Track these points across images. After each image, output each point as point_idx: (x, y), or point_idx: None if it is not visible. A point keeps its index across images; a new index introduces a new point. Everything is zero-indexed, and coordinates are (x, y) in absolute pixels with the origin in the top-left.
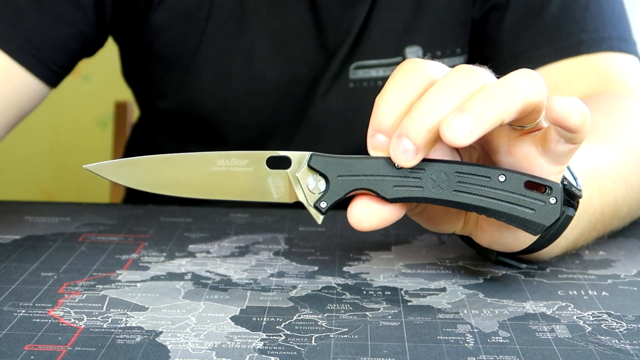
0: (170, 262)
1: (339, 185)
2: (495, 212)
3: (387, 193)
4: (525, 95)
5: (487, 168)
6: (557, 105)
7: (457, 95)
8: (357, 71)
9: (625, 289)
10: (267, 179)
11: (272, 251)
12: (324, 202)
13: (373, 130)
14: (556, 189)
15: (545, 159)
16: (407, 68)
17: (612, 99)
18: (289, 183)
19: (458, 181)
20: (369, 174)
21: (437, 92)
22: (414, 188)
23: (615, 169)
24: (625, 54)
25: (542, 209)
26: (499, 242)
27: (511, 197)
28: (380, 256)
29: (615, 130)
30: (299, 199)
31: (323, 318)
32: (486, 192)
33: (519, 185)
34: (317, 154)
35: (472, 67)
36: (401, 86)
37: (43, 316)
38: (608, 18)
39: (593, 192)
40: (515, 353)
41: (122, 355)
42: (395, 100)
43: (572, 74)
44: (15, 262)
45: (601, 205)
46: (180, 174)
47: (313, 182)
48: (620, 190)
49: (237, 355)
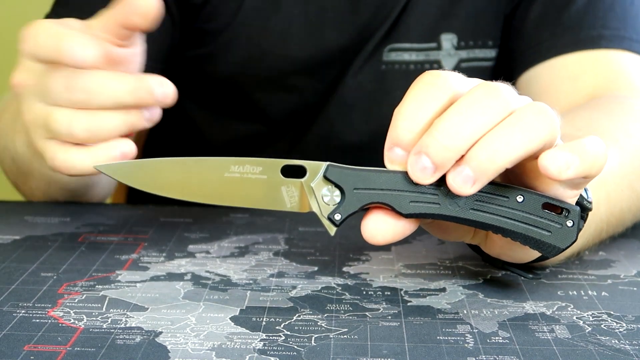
0: (170, 263)
1: (355, 198)
2: (512, 233)
3: (403, 208)
4: (535, 136)
5: (505, 188)
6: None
7: (480, 115)
8: (391, 53)
9: (625, 289)
10: (281, 188)
11: (271, 251)
12: (339, 215)
13: (391, 144)
14: (574, 212)
15: (561, 188)
16: (429, 80)
17: (622, 101)
18: (303, 193)
19: (476, 200)
20: (386, 188)
21: (460, 111)
22: (431, 205)
23: (622, 176)
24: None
25: (558, 231)
26: (508, 254)
27: (528, 218)
28: (380, 256)
29: (624, 136)
30: (312, 210)
31: (323, 318)
32: (503, 212)
33: (536, 206)
34: (334, 164)
35: (496, 85)
36: (422, 100)
37: (43, 316)
38: (631, 20)
39: (600, 202)
40: (515, 353)
41: (122, 355)
42: (416, 115)
43: (589, 65)
44: (14, 263)
45: (607, 215)
46: (192, 179)
47: (328, 193)
48: (626, 198)
49: (237, 355)
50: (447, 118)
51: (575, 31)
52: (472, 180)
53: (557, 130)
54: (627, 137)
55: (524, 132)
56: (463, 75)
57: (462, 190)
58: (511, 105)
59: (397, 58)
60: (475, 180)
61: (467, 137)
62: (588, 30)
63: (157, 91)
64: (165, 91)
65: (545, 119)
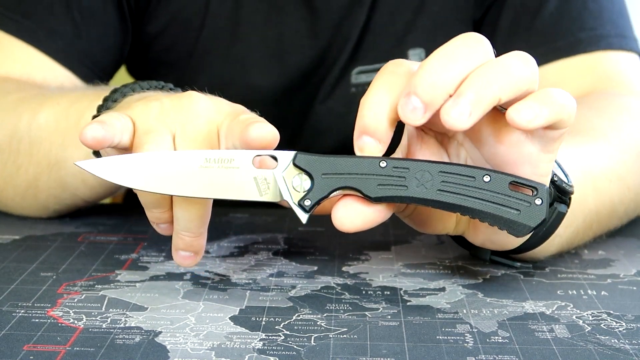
0: (169, 262)
1: (324, 184)
2: (480, 213)
3: (371, 192)
4: (519, 77)
5: (471, 168)
6: (512, 118)
7: (465, 55)
8: (360, 75)
9: (624, 289)
10: (253, 178)
11: (271, 251)
12: (308, 200)
13: (359, 132)
14: (542, 190)
15: (534, 146)
16: (392, 69)
17: (610, 98)
18: (274, 182)
19: (442, 181)
20: (354, 173)
21: (445, 52)
22: (398, 187)
23: (611, 169)
24: (625, 51)
25: (527, 209)
26: (492, 239)
27: (496, 198)
28: (380, 256)
29: (612, 130)
30: (284, 198)
31: (322, 318)
32: (470, 192)
33: (503, 185)
34: (302, 152)
35: (479, 35)
36: (386, 87)
37: (42, 316)
38: (607, 15)
39: (588, 192)
40: (515, 353)
41: (121, 355)
42: (380, 101)
43: (570, 73)
44: (14, 262)
45: (596, 205)
46: (167, 171)
47: (298, 180)
48: (616, 190)
49: (237, 355)
50: (434, 58)
51: (551, 38)
52: (468, 112)
53: (537, 76)
54: (616, 132)
55: (509, 72)
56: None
57: (459, 123)
58: (491, 54)
59: (367, 80)
60: (471, 111)
61: (454, 74)
62: (564, 36)
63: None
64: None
65: (529, 63)
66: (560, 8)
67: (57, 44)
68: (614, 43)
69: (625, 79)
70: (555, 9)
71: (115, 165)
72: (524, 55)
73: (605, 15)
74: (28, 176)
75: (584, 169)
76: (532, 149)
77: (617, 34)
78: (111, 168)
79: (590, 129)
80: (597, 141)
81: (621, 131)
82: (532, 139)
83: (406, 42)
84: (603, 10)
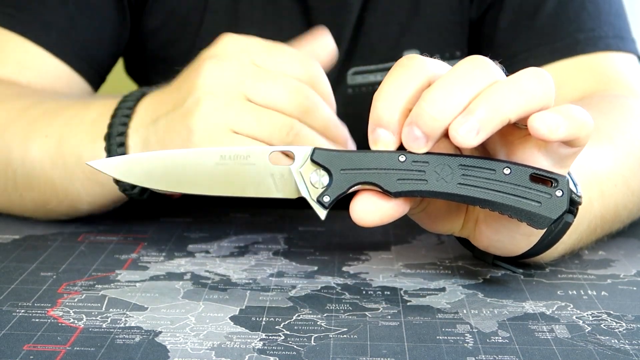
0: (169, 262)
1: (343, 179)
2: (501, 205)
3: (390, 187)
4: (533, 95)
5: (491, 161)
6: (536, 126)
7: (467, 85)
8: (356, 76)
9: (624, 289)
10: (270, 175)
11: (271, 251)
12: (327, 197)
13: (373, 125)
14: (562, 181)
15: (547, 161)
16: (406, 63)
17: (613, 99)
18: (292, 179)
19: (462, 174)
20: (373, 168)
21: (447, 81)
22: (418, 181)
23: (617, 173)
24: (623, 52)
25: (548, 201)
26: (497, 245)
27: (516, 190)
28: (380, 256)
29: (617, 132)
30: (301, 195)
31: (322, 318)
32: (491, 185)
33: (524, 178)
34: (320, 148)
35: (484, 58)
36: (400, 82)
37: (42, 316)
38: (605, 16)
39: (594, 197)
40: (515, 353)
41: (122, 355)
42: (394, 95)
43: (569, 74)
44: (14, 262)
45: (601, 211)
46: (182, 170)
47: (316, 176)
48: (620, 195)
49: (237, 355)
50: (435, 89)
51: (549, 39)
52: (476, 130)
53: (553, 93)
54: (621, 135)
55: (521, 91)
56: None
57: (466, 140)
58: (499, 74)
59: (363, 81)
60: (479, 129)
61: (454, 106)
62: (563, 37)
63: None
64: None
65: (543, 80)
66: (558, 9)
67: (52, 37)
68: (612, 44)
69: (624, 80)
70: (553, 9)
71: (129, 164)
72: (538, 72)
73: (603, 16)
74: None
75: (590, 172)
76: (545, 164)
77: (615, 35)
78: (125, 167)
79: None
80: (603, 143)
81: (625, 133)
82: (546, 154)
83: (402, 44)
84: (601, 12)
